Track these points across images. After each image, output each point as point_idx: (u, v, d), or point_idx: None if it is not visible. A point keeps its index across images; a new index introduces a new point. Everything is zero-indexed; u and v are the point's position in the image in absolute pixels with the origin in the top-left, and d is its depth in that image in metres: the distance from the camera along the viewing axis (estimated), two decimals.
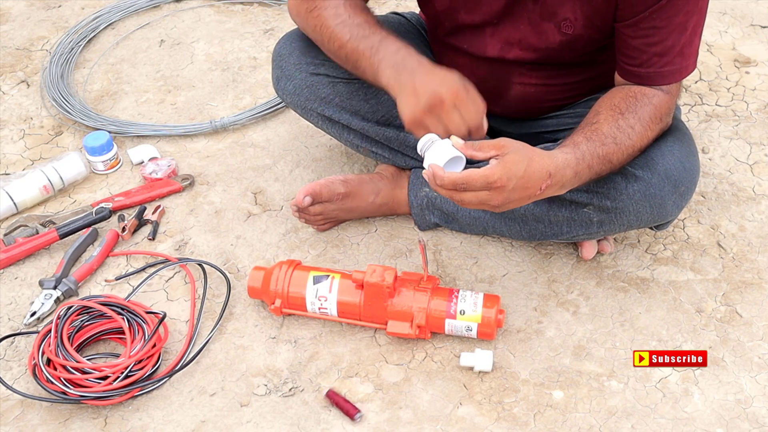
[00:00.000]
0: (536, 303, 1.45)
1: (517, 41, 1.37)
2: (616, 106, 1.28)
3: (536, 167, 1.16)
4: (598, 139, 1.24)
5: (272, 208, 1.65)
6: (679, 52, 1.27)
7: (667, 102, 1.30)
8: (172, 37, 2.12)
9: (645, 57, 1.28)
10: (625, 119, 1.26)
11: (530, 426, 1.28)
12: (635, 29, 1.26)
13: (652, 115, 1.28)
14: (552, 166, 1.17)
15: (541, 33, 1.34)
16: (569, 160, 1.20)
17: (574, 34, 1.31)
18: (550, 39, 1.34)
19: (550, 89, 1.45)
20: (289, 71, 1.50)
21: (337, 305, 1.38)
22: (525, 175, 1.14)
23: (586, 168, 1.22)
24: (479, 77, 1.45)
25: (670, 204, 1.32)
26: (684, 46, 1.26)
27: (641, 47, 1.27)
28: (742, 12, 2.13)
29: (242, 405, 1.32)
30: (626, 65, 1.31)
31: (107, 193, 1.69)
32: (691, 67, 1.30)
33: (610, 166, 1.26)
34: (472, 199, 1.16)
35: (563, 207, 1.37)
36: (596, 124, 1.26)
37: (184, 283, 1.51)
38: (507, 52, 1.39)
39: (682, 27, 1.25)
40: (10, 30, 2.17)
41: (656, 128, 1.30)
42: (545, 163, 1.17)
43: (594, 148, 1.23)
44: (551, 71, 1.42)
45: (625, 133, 1.26)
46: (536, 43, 1.35)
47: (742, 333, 1.40)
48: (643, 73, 1.29)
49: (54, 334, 1.33)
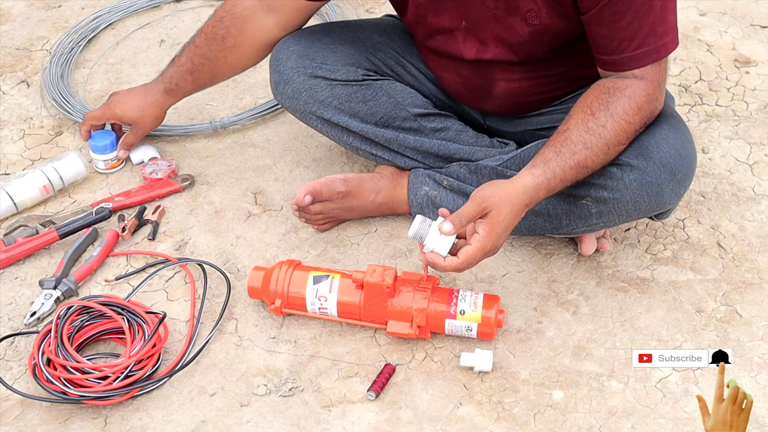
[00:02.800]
0: (536, 303, 1.45)
1: (490, 38, 1.37)
2: (588, 107, 1.29)
3: (517, 209, 1.24)
4: (567, 150, 1.27)
5: (272, 208, 1.65)
6: (650, 32, 1.26)
7: (645, 89, 1.29)
8: (172, 37, 2.12)
9: (615, 43, 1.27)
10: (596, 119, 1.27)
11: (530, 426, 1.28)
12: (600, 17, 1.26)
13: (628, 107, 1.28)
14: (527, 198, 1.25)
15: (509, 27, 1.34)
16: (540, 183, 1.26)
17: (540, 23, 1.31)
18: (519, 32, 1.34)
19: (534, 82, 1.45)
20: (287, 75, 1.50)
21: (337, 305, 1.38)
22: (511, 223, 1.24)
23: (558, 182, 1.27)
24: (464, 77, 1.47)
25: (668, 192, 1.32)
26: (655, 25, 1.25)
27: (610, 34, 1.27)
28: (742, 12, 2.13)
29: (242, 405, 1.32)
30: (600, 55, 1.31)
31: (107, 193, 1.69)
32: (669, 44, 1.28)
33: (588, 170, 1.29)
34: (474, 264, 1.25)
35: (562, 200, 1.37)
36: (566, 132, 1.28)
37: (184, 283, 1.51)
38: (483, 53, 1.40)
39: (647, 7, 1.24)
40: (10, 30, 2.17)
41: (636, 119, 1.29)
42: (522, 199, 1.25)
43: (564, 161, 1.26)
44: (531, 65, 1.42)
45: (596, 135, 1.27)
46: (508, 38, 1.36)
47: (742, 333, 1.40)
48: (617, 60, 1.29)
49: (54, 334, 1.33)
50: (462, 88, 1.50)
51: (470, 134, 1.54)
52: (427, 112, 1.52)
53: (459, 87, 1.50)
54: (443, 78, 1.52)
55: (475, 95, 1.49)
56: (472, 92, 1.49)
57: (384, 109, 1.50)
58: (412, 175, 1.56)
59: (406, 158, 1.55)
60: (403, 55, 1.56)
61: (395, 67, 1.55)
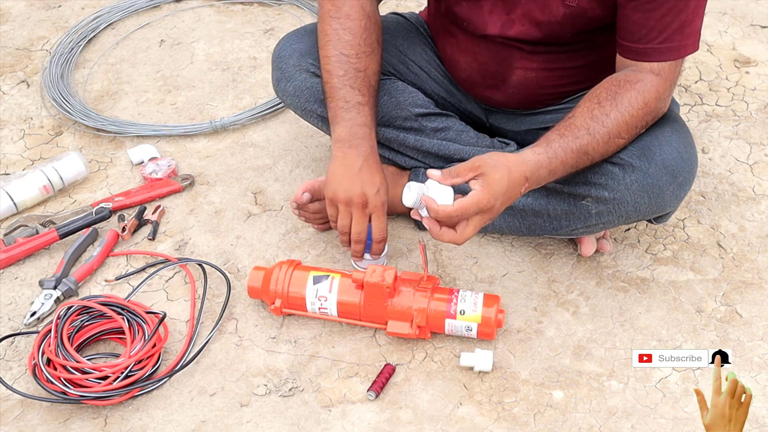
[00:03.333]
0: (536, 303, 1.45)
1: (519, 16, 1.37)
2: (596, 97, 1.29)
3: (515, 176, 1.22)
4: (570, 133, 1.27)
5: (272, 208, 1.65)
6: (678, 29, 1.26)
7: (657, 86, 1.29)
8: (172, 37, 2.12)
9: (643, 32, 1.28)
10: (602, 108, 1.28)
11: (530, 426, 1.28)
12: (637, 2, 1.26)
13: (634, 100, 1.28)
14: (528, 170, 1.24)
15: (544, 6, 1.34)
16: (542, 161, 1.25)
17: (578, 6, 1.31)
18: (554, 12, 1.34)
19: (550, 74, 1.45)
20: (289, 72, 1.50)
21: (337, 305, 1.38)
22: (508, 189, 1.22)
23: (559, 164, 1.26)
24: (480, 63, 1.46)
25: (668, 194, 1.32)
26: (684, 24, 1.26)
27: (640, 21, 1.27)
28: (742, 12, 2.13)
29: (242, 405, 1.32)
30: (625, 41, 1.31)
31: (107, 193, 1.69)
32: (690, 47, 1.29)
33: (588, 157, 1.28)
34: (471, 231, 1.22)
35: (562, 200, 1.37)
36: (572, 119, 1.29)
37: (184, 283, 1.51)
38: (508, 28, 1.39)
39: (682, 4, 1.25)
40: (10, 30, 2.17)
41: (641, 114, 1.29)
42: (522, 169, 1.23)
43: (567, 144, 1.26)
44: (552, 55, 1.42)
45: (599, 122, 1.27)
46: (539, 17, 1.35)
47: (742, 333, 1.40)
48: (640, 49, 1.29)
49: (54, 334, 1.33)
50: (476, 74, 1.49)
51: (471, 134, 1.53)
52: (428, 112, 1.52)
53: (473, 73, 1.49)
54: (458, 63, 1.51)
55: (489, 83, 1.48)
56: (486, 79, 1.48)
57: (385, 108, 1.50)
58: (412, 174, 1.55)
59: (407, 158, 1.55)
60: (406, 53, 1.56)
61: (398, 66, 1.55)
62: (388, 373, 1.33)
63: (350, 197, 1.35)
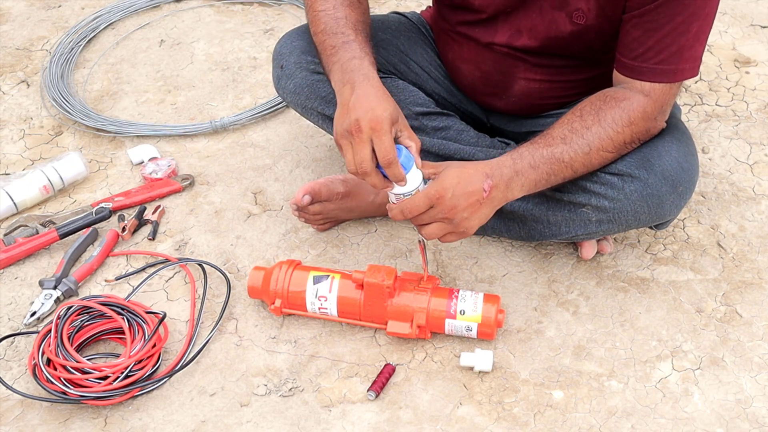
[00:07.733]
0: (536, 303, 1.45)
1: (527, 29, 1.37)
2: (579, 111, 1.30)
3: (470, 170, 1.23)
4: (543, 140, 1.28)
5: (272, 208, 1.65)
6: (677, 52, 1.26)
7: (644, 106, 1.29)
8: (172, 37, 2.12)
9: (641, 50, 1.28)
10: (583, 121, 1.28)
11: (530, 426, 1.28)
12: (638, 20, 1.26)
13: (618, 117, 1.28)
14: (487, 167, 1.24)
15: (551, 22, 1.34)
16: (504, 160, 1.26)
17: (585, 24, 1.32)
18: (560, 28, 1.34)
19: (553, 86, 1.45)
20: (289, 70, 1.50)
21: (337, 305, 1.38)
22: (461, 181, 1.21)
23: (527, 166, 1.26)
24: (483, 71, 1.46)
25: (668, 204, 1.32)
26: (683, 48, 1.26)
27: (640, 39, 1.27)
28: (742, 12, 2.13)
29: (242, 405, 1.32)
30: (622, 57, 1.31)
31: (107, 193, 1.69)
32: (687, 72, 1.29)
33: (565, 166, 1.28)
34: (434, 229, 1.23)
35: (562, 207, 1.37)
36: (550, 129, 1.29)
37: (184, 283, 1.51)
38: (515, 39, 1.39)
39: (683, 27, 1.24)
40: (10, 30, 2.17)
41: (627, 131, 1.29)
42: (480, 165, 1.24)
43: (536, 149, 1.27)
44: (555, 68, 1.42)
45: (578, 134, 1.27)
46: (545, 32, 1.36)
47: (742, 333, 1.40)
48: (636, 66, 1.29)
49: (54, 334, 1.33)
50: (479, 82, 1.49)
51: (471, 134, 1.53)
52: (428, 111, 1.52)
53: (476, 81, 1.50)
54: (461, 70, 1.51)
55: (490, 91, 1.48)
56: (488, 87, 1.48)
57: None
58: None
59: None
60: (407, 53, 1.56)
61: (398, 65, 1.55)
62: (388, 373, 1.33)
63: (345, 129, 1.21)
